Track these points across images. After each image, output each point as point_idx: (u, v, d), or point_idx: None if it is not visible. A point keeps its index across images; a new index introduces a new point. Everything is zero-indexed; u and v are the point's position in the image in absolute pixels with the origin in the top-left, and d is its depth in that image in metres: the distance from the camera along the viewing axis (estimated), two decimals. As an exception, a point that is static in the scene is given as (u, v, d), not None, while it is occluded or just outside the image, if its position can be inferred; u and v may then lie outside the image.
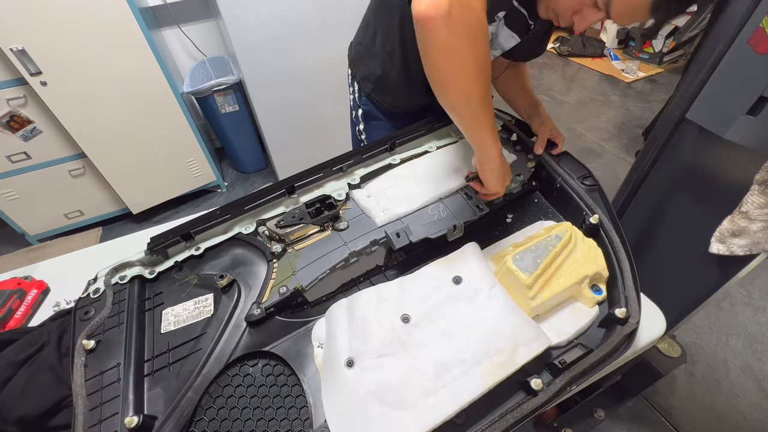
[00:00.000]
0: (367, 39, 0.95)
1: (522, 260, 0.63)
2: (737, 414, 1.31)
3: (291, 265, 0.70)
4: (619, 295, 0.64)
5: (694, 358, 1.46)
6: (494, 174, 0.71)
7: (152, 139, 2.00)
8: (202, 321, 0.66)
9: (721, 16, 0.69)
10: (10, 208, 1.94)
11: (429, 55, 0.55)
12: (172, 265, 0.74)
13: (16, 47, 1.49)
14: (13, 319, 0.82)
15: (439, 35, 0.50)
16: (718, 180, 0.83)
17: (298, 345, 0.63)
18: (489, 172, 0.71)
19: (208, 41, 2.34)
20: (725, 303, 1.60)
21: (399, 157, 0.88)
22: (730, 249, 0.76)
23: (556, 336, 0.62)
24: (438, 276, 0.64)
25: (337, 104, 2.18)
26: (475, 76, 0.55)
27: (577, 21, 0.65)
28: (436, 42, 0.52)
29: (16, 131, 1.76)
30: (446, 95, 0.59)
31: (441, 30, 0.50)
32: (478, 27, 0.52)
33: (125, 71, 1.75)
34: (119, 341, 0.62)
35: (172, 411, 0.55)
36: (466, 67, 0.54)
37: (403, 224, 0.74)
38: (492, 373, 0.53)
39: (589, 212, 0.73)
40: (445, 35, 0.50)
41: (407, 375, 0.54)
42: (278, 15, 1.77)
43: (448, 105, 0.61)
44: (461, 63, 0.53)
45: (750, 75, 0.67)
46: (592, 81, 3.35)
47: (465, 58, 0.53)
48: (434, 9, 0.48)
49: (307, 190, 0.81)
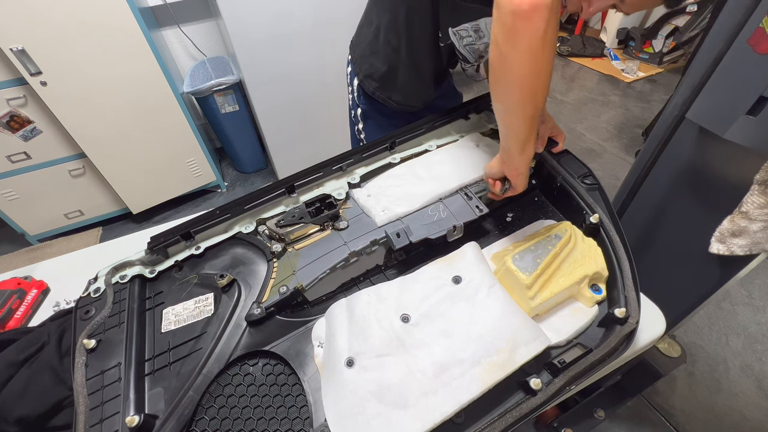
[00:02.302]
0: (369, 36, 0.94)
1: (522, 260, 0.63)
2: (737, 414, 1.32)
3: (291, 265, 0.70)
4: (618, 295, 0.64)
5: (694, 358, 1.46)
6: (526, 174, 0.71)
7: (152, 139, 2.00)
8: (203, 320, 0.66)
9: (721, 16, 0.69)
10: (10, 208, 1.94)
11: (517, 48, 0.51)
12: (173, 265, 0.74)
13: (16, 47, 1.49)
14: (13, 319, 0.83)
15: (539, 29, 0.48)
16: (718, 180, 0.83)
17: (298, 344, 0.63)
18: (524, 176, 0.71)
19: (208, 41, 2.34)
20: (725, 303, 1.60)
21: (399, 156, 0.88)
22: (730, 249, 0.76)
23: (555, 335, 0.62)
24: (438, 276, 0.64)
25: (337, 104, 2.18)
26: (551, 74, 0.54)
27: (585, 6, 0.63)
28: (533, 35, 0.48)
29: (16, 131, 1.76)
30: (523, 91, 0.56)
31: (542, 23, 0.47)
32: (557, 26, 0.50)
33: (125, 71, 1.75)
34: (120, 340, 0.62)
35: (172, 410, 0.55)
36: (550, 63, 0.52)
37: (403, 224, 0.74)
38: (491, 372, 0.53)
39: (590, 211, 0.73)
40: (544, 29, 0.48)
41: (407, 375, 0.54)
42: (278, 15, 1.77)
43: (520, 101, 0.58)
44: (548, 59, 0.51)
45: (750, 75, 0.67)
46: (592, 81, 3.35)
47: (550, 54, 0.51)
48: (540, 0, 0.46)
49: (306, 189, 0.81)
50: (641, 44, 3.43)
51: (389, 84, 0.97)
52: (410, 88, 0.96)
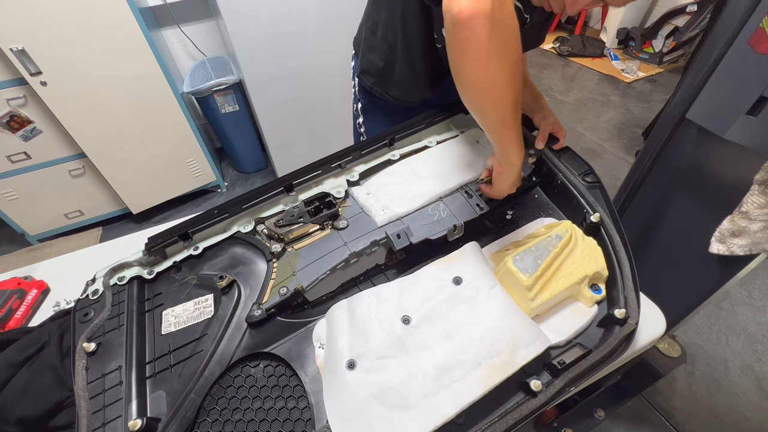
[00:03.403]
0: (367, 31, 0.94)
1: (522, 261, 0.63)
2: (737, 414, 1.32)
3: (291, 265, 0.70)
4: (618, 295, 0.64)
5: (694, 358, 1.46)
6: (509, 181, 0.70)
7: (152, 139, 2.00)
8: (203, 322, 0.65)
9: (721, 16, 0.69)
10: (10, 208, 1.94)
11: (465, 56, 0.52)
12: (171, 265, 0.73)
13: (16, 47, 1.49)
14: (13, 319, 0.82)
15: (481, 36, 0.48)
16: (718, 180, 0.83)
17: (299, 345, 0.63)
18: (505, 178, 0.70)
19: (208, 41, 2.34)
20: (725, 303, 1.60)
21: (398, 152, 0.88)
22: (730, 249, 0.76)
23: (554, 335, 0.62)
24: (438, 276, 0.64)
25: (337, 104, 2.18)
26: (511, 81, 0.54)
27: (569, 4, 0.63)
28: (477, 43, 0.49)
29: (16, 131, 1.75)
30: (479, 98, 0.57)
31: (483, 30, 0.48)
32: (515, 29, 0.50)
33: (125, 71, 1.75)
34: (120, 343, 0.62)
35: (175, 413, 0.55)
36: (504, 70, 0.52)
37: (403, 224, 0.74)
38: (492, 374, 0.53)
39: (590, 210, 0.72)
40: (486, 36, 0.48)
41: (408, 376, 0.54)
42: (278, 14, 1.77)
43: (479, 108, 0.59)
44: (499, 66, 0.52)
45: (750, 75, 0.67)
46: (592, 81, 3.35)
47: (503, 60, 0.51)
48: (478, 8, 0.46)
49: (305, 188, 0.81)
50: (641, 44, 3.43)
51: (386, 79, 0.97)
52: (407, 85, 0.96)
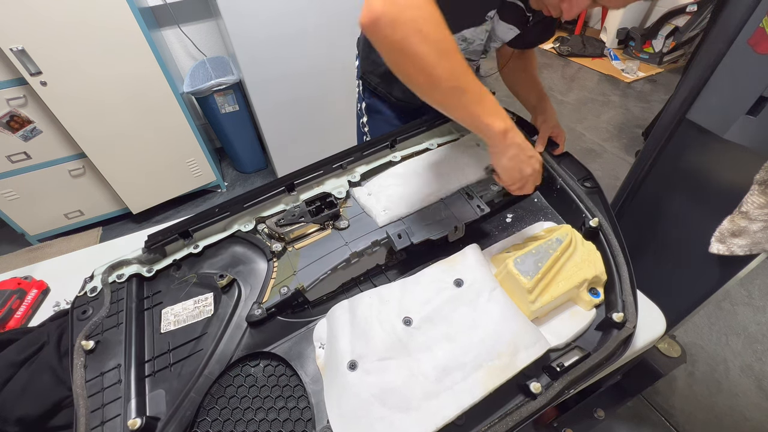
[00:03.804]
0: None
1: (523, 264, 0.63)
2: (737, 414, 1.32)
3: (291, 265, 0.70)
4: (616, 299, 0.64)
5: (694, 358, 1.46)
6: (507, 158, 0.61)
7: (152, 139, 2.00)
8: (203, 321, 0.65)
9: (721, 16, 0.69)
10: (10, 208, 1.94)
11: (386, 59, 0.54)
12: (171, 264, 0.73)
13: (16, 47, 1.49)
14: (13, 319, 0.82)
15: (384, 36, 0.51)
16: (718, 180, 0.83)
17: (299, 345, 0.63)
18: (499, 155, 0.61)
19: (208, 41, 2.33)
20: (725, 303, 1.61)
21: (400, 154, 0.88)
22: (730, 249, 0.76)
23: (554, 338, 0.62)
24: (440, 278, 0.64)
25: (338, 104, 2.18)
26: (435, 60, 0.53)
27: (566, 8, 0.63)
28: (386, 43, 0.52)
29: (16, 131, 1.75)
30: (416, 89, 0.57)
31: (382, 31, 0.50)
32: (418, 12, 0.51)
33: (125, 71, 1.75)
34: (119, 341, 0.62)
35: (174, 412, 0.55)
36: (418, 55, 0.52)
37: (404, 225, 0.74)
38: (493, 376, 0.53)
39: (589, 215, 0.73)
40: (388, 34, 0.50)
41: (409, 378, 0.54)
42: (278, 14, 1.77)
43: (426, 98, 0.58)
44: (413, 54, 0.52)
45: (750, 75, 0.67)
46: (592, 81, 3.36)
47: (414, 47, 0.51)
48: (369, 13, 0.49)
49: (307, 188, 0.81)
50: (641, 44, 3.43)
51: (389, 80, 0.97)
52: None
